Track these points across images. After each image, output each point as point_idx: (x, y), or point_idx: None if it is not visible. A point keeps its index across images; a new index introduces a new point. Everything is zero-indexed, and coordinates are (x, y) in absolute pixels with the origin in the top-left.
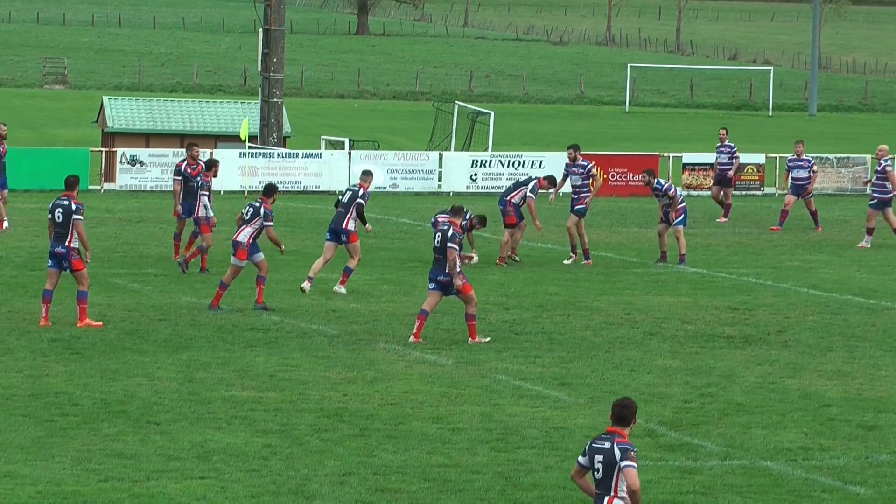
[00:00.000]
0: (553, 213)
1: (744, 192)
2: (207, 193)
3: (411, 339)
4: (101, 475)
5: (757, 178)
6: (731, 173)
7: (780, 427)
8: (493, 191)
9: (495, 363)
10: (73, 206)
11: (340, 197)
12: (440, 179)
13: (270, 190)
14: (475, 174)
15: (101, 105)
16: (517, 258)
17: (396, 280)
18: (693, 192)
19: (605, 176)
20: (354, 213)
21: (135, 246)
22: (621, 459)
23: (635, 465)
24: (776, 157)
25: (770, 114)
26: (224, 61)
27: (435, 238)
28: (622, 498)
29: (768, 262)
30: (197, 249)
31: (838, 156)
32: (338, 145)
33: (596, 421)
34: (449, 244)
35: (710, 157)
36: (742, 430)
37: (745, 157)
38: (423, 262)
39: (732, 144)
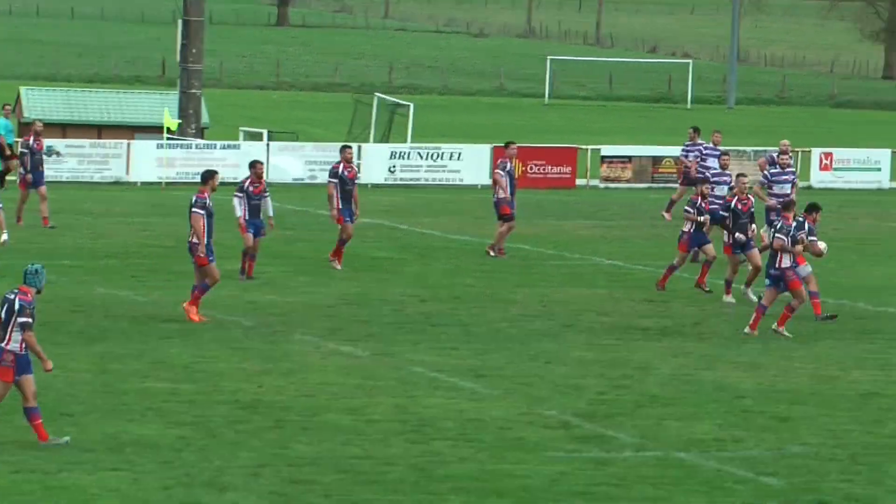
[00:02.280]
0: (472, 205)
1: (662, 185)
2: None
3: None
4: (14, 467)
5: (675, 170)
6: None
7: (695, 419)
8: (411, 183)
9: (411, 355)
10: None
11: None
12: (359, 171)
13: (203, 177)
14: (394, 166)
15: (18, 95)
16: (493, 253)
17: (313, 271)
18: (611, 185)
19: (524, 168)
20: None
21: (51, 237)
22: None
23: None
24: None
25: (689, 106)
26: (143, 52)
27: None
28: None
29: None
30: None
31: (755, 149)
32: (256, 136)
33: (510, 412)
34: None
35: (629, 150)
36: (656, 421)
37: (663, 150)
38: None
39: (704, 142)
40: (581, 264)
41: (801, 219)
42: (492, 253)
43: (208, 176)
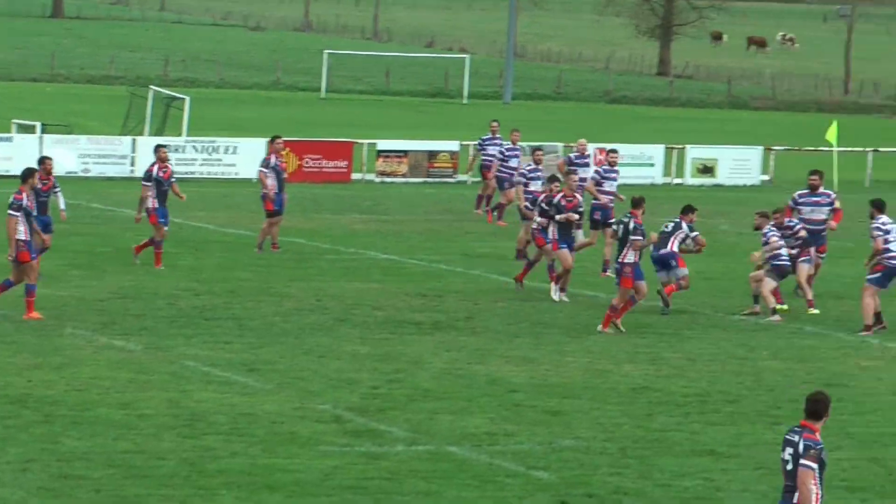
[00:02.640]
0: (247, 199)
1: (437, 180)
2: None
3: None
4: None
5: (451, 165)
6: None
7: (467, 412)
8: (186, 176)
9: (184, 349)
10: None
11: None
12: (133, 164)
13: (23, 175)
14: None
15: None
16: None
17: (87, 265)
18: (387, 180)
19: (300, 162)
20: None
21: None
22: (802, 456)
23: (813, 465)
24: (470, 145)
25: (465, 101)
26: None
27: None
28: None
29: (459, 249)
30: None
31: (532, 144)
32: (29, 129)
33: (283, 407)
34: None
35: (405, 145)
36: (429, 415)
37: (439, 145)
38: (114, 247)
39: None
40: (356, 258)
41: (677, 220)
42: (259, 251)
43: (28, 174)
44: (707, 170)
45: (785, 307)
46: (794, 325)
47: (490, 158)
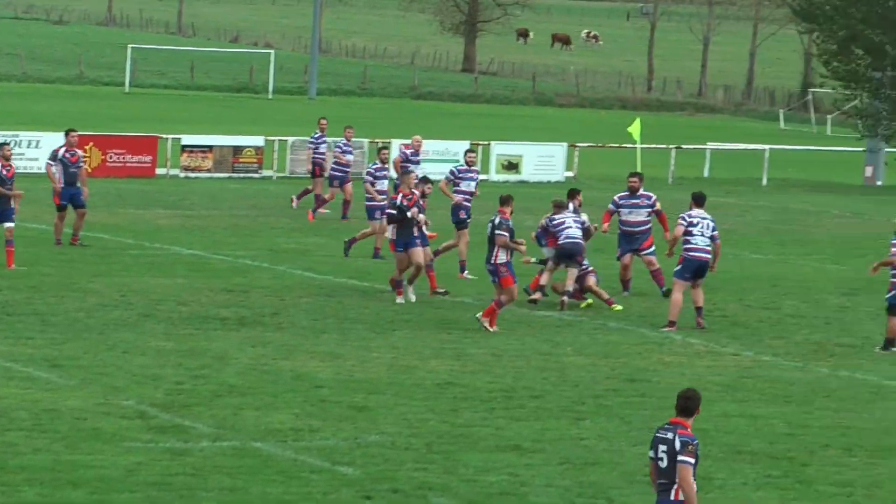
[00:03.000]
0: (48, 193)
1: (242, 175)
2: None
3: None
4: None
5: (256, 160)
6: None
7: (272, 408)
8: None
9: None
10: None
11: None
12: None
13: None
14: None
15: None
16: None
17: None
18: (192, 175)
19: (104, 157)
20: None
21: None
22: (679, 452)
23: (691, 460)
24: (275, 140)
25: (270, 97)
26: None
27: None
28: None
29: (265, 245)
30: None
31: (336, 139)
32: None
33: (86, 403)
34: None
35: (210, 140)
36: (234, 411)
37: (244, 140)
38: None
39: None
40: (161, 254)
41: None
42: (58, 245)
43: None
44: (512, 166)
45: (589, 301)
46: (597, 321)
47: (322, 156)
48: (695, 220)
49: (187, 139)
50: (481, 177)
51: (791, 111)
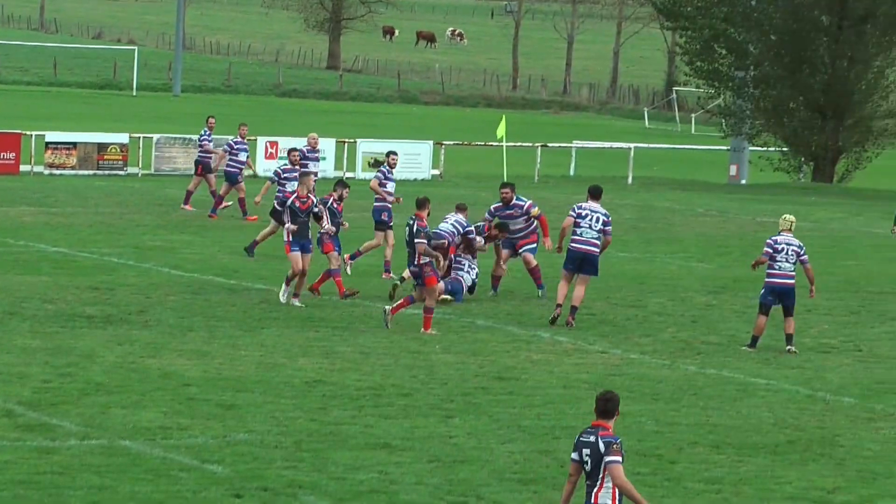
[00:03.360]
0: None
1: (107, 173)
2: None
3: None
4: None
5: (121, 157)
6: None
7: (140, 406)
8: None
9: None
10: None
11: None
12: None
13: None
14: None
15: None
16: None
17: None
18: (56, 172)
19: None
20: None
21: None
22: (605, 454)
23: (619, 458)
24: (140, 137)
25: (135, 93)
26: None
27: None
28: (608, 489)
29: (130, 242)
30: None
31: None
32: None
33: None
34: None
35: (74, 137)
36: (102, 409)
37: (109, 137)
38: None
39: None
40: (25, 251)
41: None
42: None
43: None
44: (378, 164)
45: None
46: (466, 319)
47: (208, 155)
48: (584, 212)
49: (51, 136)
50: (348, 174)
51: (655, 109)
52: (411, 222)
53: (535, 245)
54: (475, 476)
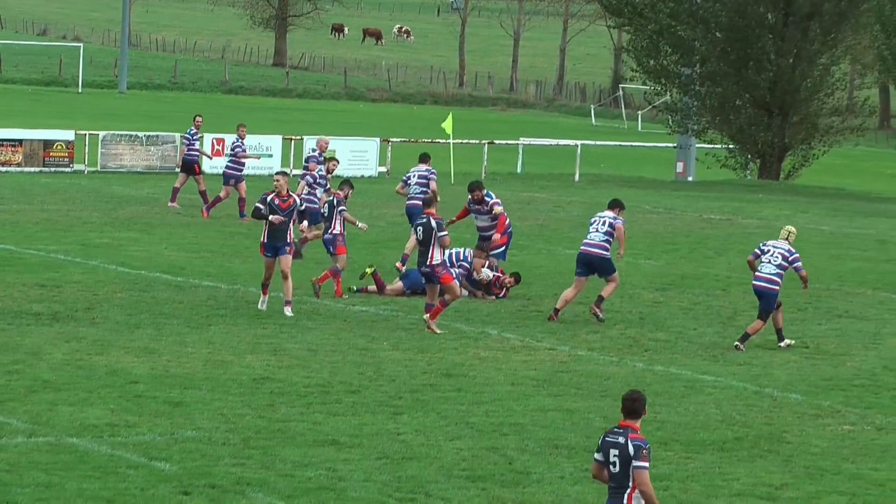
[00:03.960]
0: None
1: (53, 170)
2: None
3: None
4: None
5: (67, 154)
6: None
7: (87, 404)
8: None
9: None
10: None
11: None
12: None
13: None
14: None
15: None
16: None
17: None
18: (1, 169)
19: None
20: None
21: None
22: (634, 458)
23: (647, 465)
24: (86, 135)
25: (80, 90)
26: None
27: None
28: (639, 494)
29: (77, 239)
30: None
31: (148, 133)
32: None
33: None
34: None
35: (19, 134)
36: (49, 406)
37: (55, 134)
38: None
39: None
40: None
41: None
42: None
43: None
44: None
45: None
46: (414, 316)
47: (196, 154)
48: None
49: None
50: (295, 172)
51: (602, 107)
52: (425, 220)
53: (503, 249)
54: (423, 473)
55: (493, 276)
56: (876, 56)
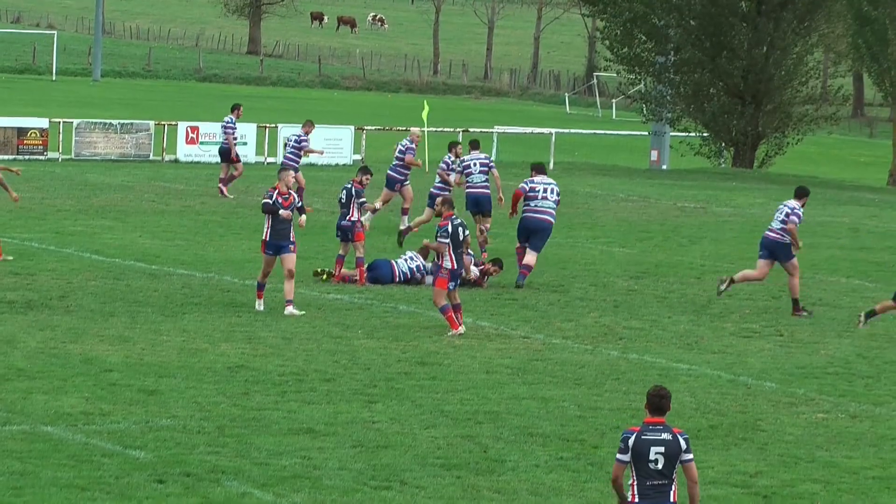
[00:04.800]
0: None
1: (27, 157)
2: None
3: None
4: None
5: (41, 142)
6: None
7: (62, 392)
8: None
9: None
10: None
11: None
12: None
13: None
14: None
15: None
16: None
17: None
18: None
19: None
20: None
21: None
22: (686, 451)
23: (693, 456)
24: (60, 122)
25: (54, 78)
26: None
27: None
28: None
29: (51, 227)
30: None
31: (122, 121)
32: None
33: None
34: None
35: None
36: (23, 395)
37: (29, 122)
38: None
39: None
40: None
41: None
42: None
43: None
44: None
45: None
46: (388, 304)
47: (230, 143)
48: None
49: None
50: (269, 160)
51: (576, 95)
52: (456, 222)
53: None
54: (398, 461)
55: (481, 268)
56: (849, 45)
